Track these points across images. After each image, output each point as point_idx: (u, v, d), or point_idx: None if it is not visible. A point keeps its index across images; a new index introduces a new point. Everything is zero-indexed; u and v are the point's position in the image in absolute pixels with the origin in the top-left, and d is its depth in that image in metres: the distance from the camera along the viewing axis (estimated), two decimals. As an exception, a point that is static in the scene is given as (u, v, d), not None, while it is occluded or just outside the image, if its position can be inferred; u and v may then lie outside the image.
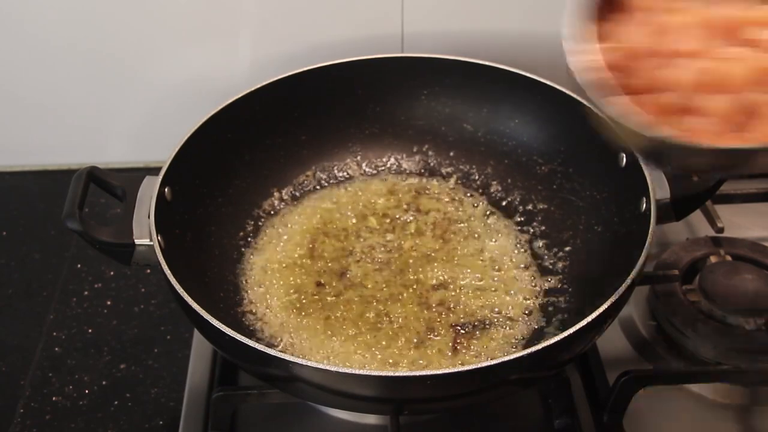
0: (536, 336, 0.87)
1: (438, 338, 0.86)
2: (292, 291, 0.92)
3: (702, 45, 0.68)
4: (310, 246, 0.97)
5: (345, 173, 1.06)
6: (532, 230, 0.98)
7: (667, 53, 0.69)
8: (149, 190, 0.84)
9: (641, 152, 0.70)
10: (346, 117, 1.05)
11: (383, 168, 1.07)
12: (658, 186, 0.84)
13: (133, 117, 1.16)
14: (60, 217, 0.78)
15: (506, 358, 0.71)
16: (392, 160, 1.07)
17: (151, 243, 0.79)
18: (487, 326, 0.87)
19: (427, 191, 1.04)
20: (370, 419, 0.86)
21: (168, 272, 0.77)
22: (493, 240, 0.97)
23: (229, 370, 0.89)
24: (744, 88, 0.66)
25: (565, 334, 0.71)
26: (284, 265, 0.95)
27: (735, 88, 0.66)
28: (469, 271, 0.93)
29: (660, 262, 0.96)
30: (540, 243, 0.97)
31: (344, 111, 1.04)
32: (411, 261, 0.95)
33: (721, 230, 0.99)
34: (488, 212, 1.01)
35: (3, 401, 0.90)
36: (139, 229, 0.81)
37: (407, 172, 1.06)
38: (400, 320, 0.88)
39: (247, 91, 0.96)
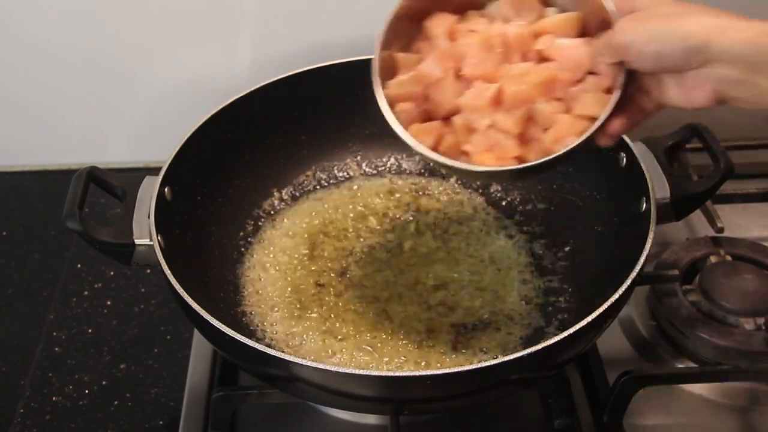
0: (536, 336, 0.87)
1: (438, 338, 0.86)
2: (292, 291, 0.92)
3: (492, 66, 0.73)
4: (310, 246, 0.97)
5: (345, 173, 1.06)
6: (531, 230, 0.98)
7: (461, 78, 0.75)
8: (149, 190, 0.84)
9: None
10: (346, 117, 1.05)
11: (383, 168, 1.06)
12: (658, 186, 0.84)
13: (133, 117, 1.16)
14: (60, 217, 0.78)
15: (506, 358, 0.71)
16: (392, 160, 1.07)
17: (151, 243, 0.79)
18: (487, 326, 0.87)
19: (427, 191, 1.04)
20: (370, 419, 0.86)
21: (168, 272, 0.77)
22: (493, 240, 0.97)
23: (229, 370, 0.89)
24: (532, 101, 0.72)
25: (565, 334, 0.70)
26: (284, 265, 0.95)
27: (524, 102, 0.72)
28: (469, 271, 0.93)
29: (660, 262, 0.96)
30: (540, 243, 0.97)
31: (344, 111, 1.04)
32: (411, 261, 0.95)
33: (721, 230, 0.99)
34: (488, 212, 1.01)
35: (3, 401, 0.90)
36: (139, 229, 0.81)
37: (407, 172, 1.06)
38: (400, 320, 0.88)
39: (247, 91, 0.96)
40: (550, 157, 0.70)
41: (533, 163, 0.71)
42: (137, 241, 0.80)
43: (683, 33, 0.62)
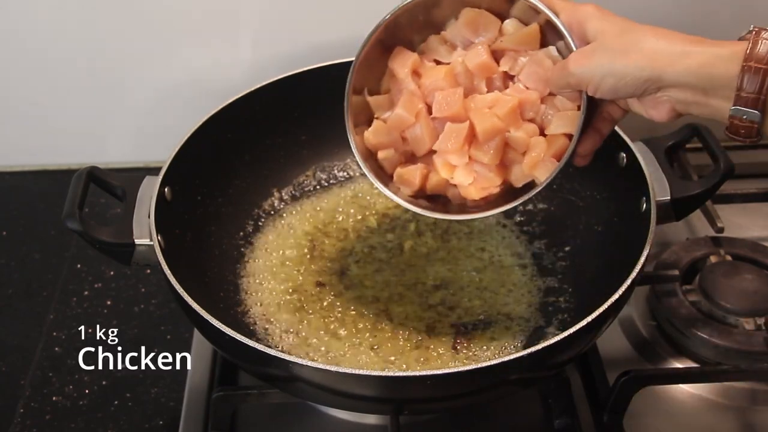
0: (536, 336, 0.86)
1: (438, 338, 0.86)
2: (292, 291, 0.92)
3: (459, 104, 0.75)
4: (310, 246, 0.97)
5: (345, 173, 1.06)
6: (532, 230, 0.98)
7: (434, 119, 0.77)
8: (149, 190, 0.84)
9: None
10: (346, 117, 1.05)
11: (383, 168, 1.06)
12: (658, 186, 0.84)
13: (133, 117, 1.16)
14: (60, 217, 0.78)
15: (506, 358, 0.71)
16: (392, 160, 1.07)
17: (151, 243, 0.79)
18: (487, 326, 0.87)
19: (427, 191, 1.04)
20: (370, 419, 0.86)
21: (168, 272, 0.77)
22: (493, 240, 0.97)
23: (229, 370, 0.89)
24: (505, 130, 0.74)
25: (565, 334, 0.71)
26: (284, 264, 0.95)
27: (497, 134, 0.74)
28: (469, 270, 0.93)
29: (660, 262, 0.96)
30: (540, 243, 0.97)
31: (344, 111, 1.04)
32: (411, 261, 0.95)
33: (721, 230, 0.99)
34: (488, 212, 1.01)
35: (3, 401, 0.90)
36: (139, 229, 0.81)
37: (407, 172, 1.06)
38: (400, 320, 0.88)
39: (247, 91, 0.97)
40: (531, 193, 0.75)
41: (513, 204, 0.76)
42: (137, 241, 0.80)
43: (636, 67, 0.65)
